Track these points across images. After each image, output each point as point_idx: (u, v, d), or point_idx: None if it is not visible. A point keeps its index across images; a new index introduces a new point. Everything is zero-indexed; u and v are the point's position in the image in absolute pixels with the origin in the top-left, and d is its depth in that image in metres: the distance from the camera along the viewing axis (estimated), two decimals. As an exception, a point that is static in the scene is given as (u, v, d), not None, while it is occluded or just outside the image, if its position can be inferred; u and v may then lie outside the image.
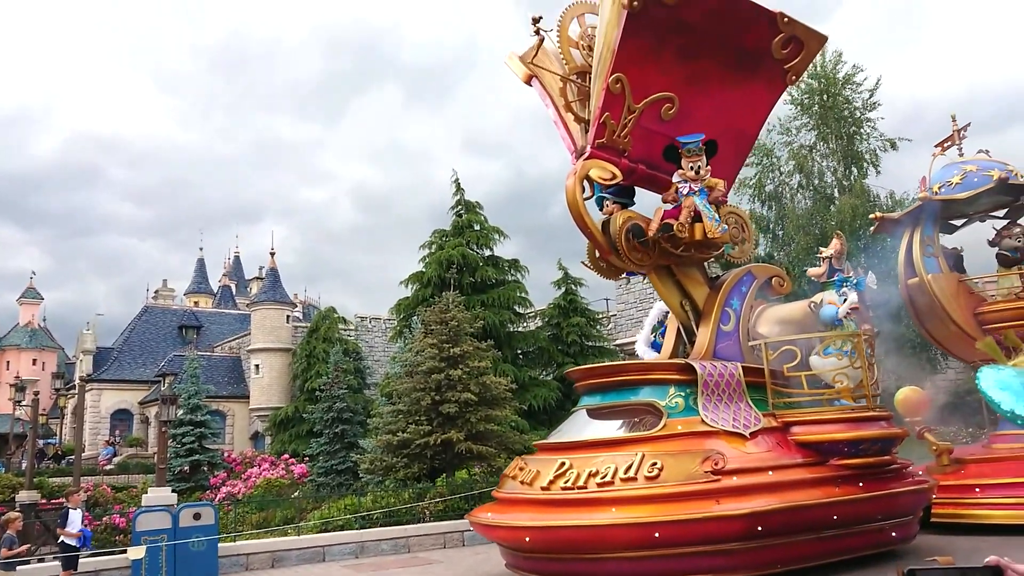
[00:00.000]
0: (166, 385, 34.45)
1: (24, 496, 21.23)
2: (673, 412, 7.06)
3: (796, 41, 8.08)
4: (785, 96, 27.68)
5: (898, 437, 7.26)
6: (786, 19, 7.92)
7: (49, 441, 42.64)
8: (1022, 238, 8.51)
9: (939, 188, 8.75)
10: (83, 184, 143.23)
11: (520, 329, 29.04)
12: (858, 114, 24.88)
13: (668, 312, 8.17)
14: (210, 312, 59.22)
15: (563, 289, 28.63)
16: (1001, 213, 9.24)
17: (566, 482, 6.77)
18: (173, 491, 20.32)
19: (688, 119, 7.79)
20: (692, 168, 7.44)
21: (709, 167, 7.60)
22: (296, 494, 22.29)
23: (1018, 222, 8.76)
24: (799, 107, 25.38)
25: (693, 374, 7.14)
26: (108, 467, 35.54)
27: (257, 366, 43.56)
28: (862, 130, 24.89)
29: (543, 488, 6.87)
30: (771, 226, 27.09)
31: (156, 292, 62.14)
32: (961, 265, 8.89)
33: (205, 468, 29.04)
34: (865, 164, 25.00)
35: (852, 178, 25.29)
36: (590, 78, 8.05)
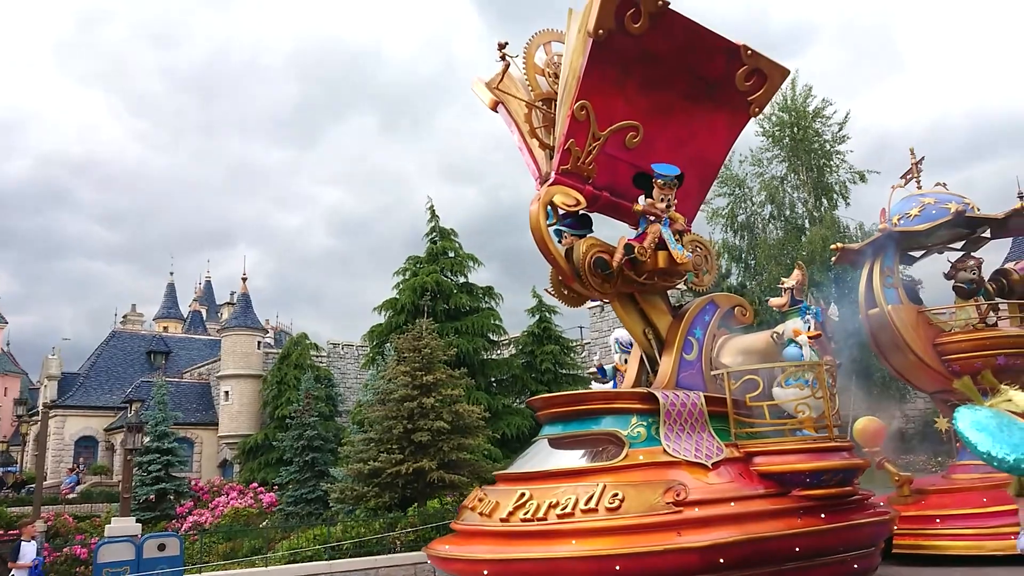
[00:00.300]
0: (133, 412, 33.71)
1: None
2: (635, 442, 6.94)
3: (759, 74, 8.15)
4: (757, 128, 28.17)
5: (859, 468, 7.20)
6: (749, 52, 7.99)
7: (9, 469, 41.63)
8: (976, 270, 8.59)
9: (898, 220, 8.83)
10: (51, 206, 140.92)
11: (494, 357, 28.84)
12: (828, 147, 25.34)
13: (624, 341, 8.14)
14: (180, 337, 57.90)
15: (537, 316, 28.55)
16: (959, 245, 9.35)
17: (526, 513, 6.59)
18: (137, 521, 19.78)
19: (653, 148, 7.80)
20: (663, 200, 7.42)
21: (676, 201, 7.60)
22: (264, 524, 21.73)
23: (972, 254, 8.85)
24: (770, 139, 25.80)
25: (655, 403, 7.04)
26: (71, 496, 34.36)
27: (227, 392, 42.68)
28: (831, 162, 25.33)
29: (502, 520, 6.68)
30: (743, 255, 27.36)
31: (124, 317, 60.94)
32: (918, 296, 8.94)
33: (171, 497, 28.23)
34: (835, 195, 25.39)
35: (822, 209, 25.68)
36: (555, 105, 8.05)
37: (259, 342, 44.58)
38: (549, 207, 7.50)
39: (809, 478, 6.97)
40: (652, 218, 7.43)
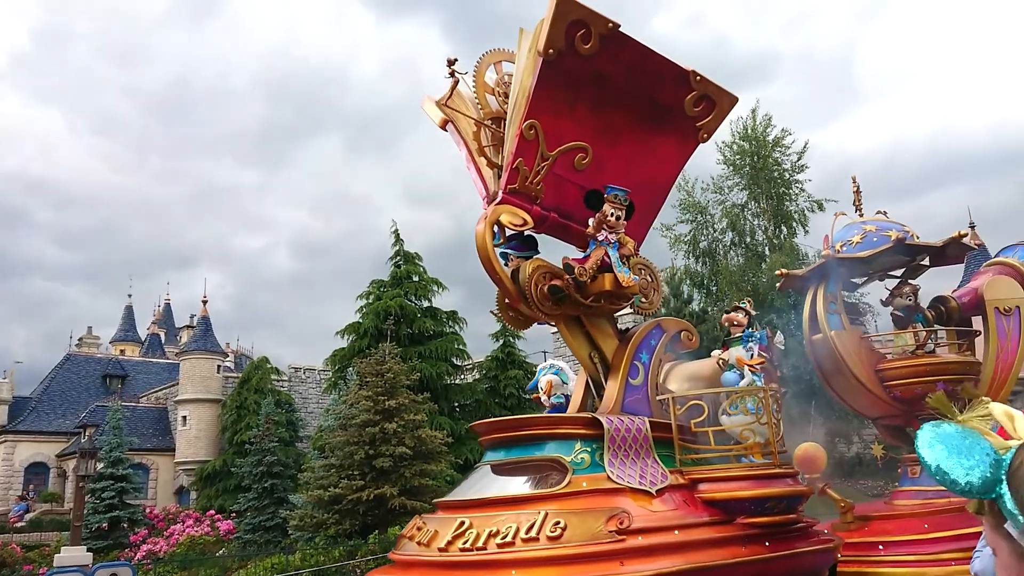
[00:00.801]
0: (86, 437, 32.77)
1: None
2: (579, 468, 6.69)
3: (708, 100, 8.11)
4: (718, 156, 28.52)
5: (804, 495, 7.07)
6: (698, 78, 7.95)
7: None
8: (912, 296, 8.63)
9: (841, 247, 8.84)
10: (6, 225, 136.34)
11: (457, 382, 28.41)
12: (787, 175, 25.75)
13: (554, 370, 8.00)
14: (137, 361, 56.45)
15: (501, 341, 28.30)
16: (899, 273, 9.42)
17: (465, 543, 6.27)
18: (89, 550, 18.92)
19: (602, 170, 7.68)
20: (613, 215, 7.28)
21: (625, 222, 7.47)
22: (221, 552, 20.94)
23: (909, 281, 8.91)
24: (732, 167, 26.15)
25: (600, 429, 6.83)
26: (19, 524, 33.41)
27: (184, 417, 41.66)
28: (791, 191, 25.73)
29: (440, 549, 6.36)
30: (705, 281, 27.56)
31: (80, 339, 59.17)
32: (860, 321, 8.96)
33: (125, 525, 27.26)
34: (794, 223, 25.76)
35: (782, 236, 26.04)
36: (505, 124, 7.90)
37: (219, 366, 43.57)
38: (496, 227, 7.31)
39: (753, 505, 6.80)
40: (600, 239, 7.28)
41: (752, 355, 7.28)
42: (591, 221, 7.48)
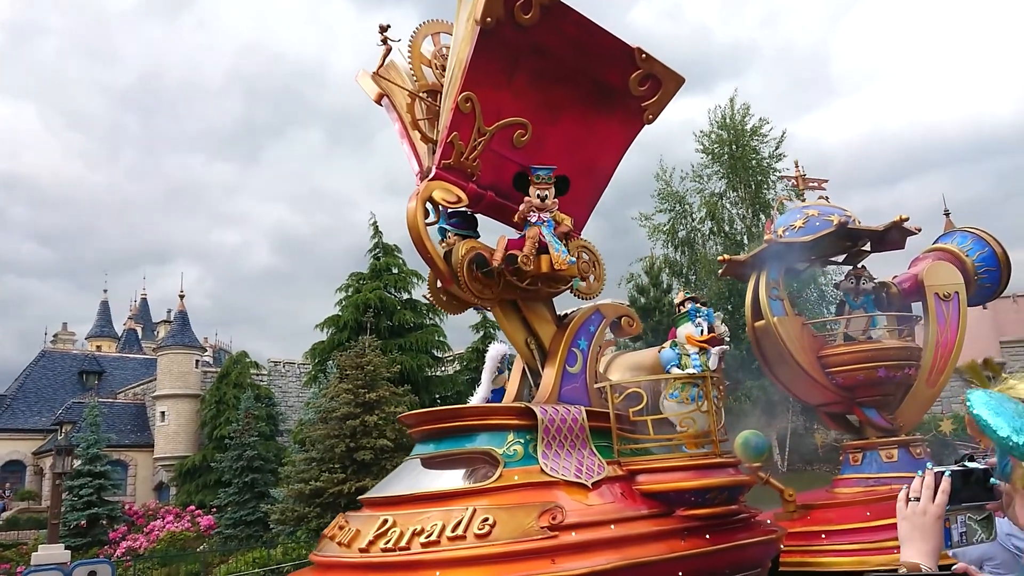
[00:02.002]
0: (63, 434, 31.48)
1: None
2: (510, 461, 6.10)
3: (654, 79, 7.57)
4: (696, 144, 27.97)
5: (746, 484, 6.62)
6: (643, 55, 7.40)
7: None
8: (854, 279, 8.31)
9: (783, 231, 8.45)
10: None
11: (438, 374, 27.59)
12: (765, 164, 25.32)
13: (503, 358, 7.41)
14: (114, 357, 54.27)
15: (482, 333, 27.55)
16: (841, 259, 9.10)
17: (387, 542, 5.63)
18: (67, 548, 17.95)
19: (542, 149, 7.09)
20: (538, 196, 6.74)
21: (556, 200, 6.93)
22: (202, 548, 20.03)
23: (856, 266, 8.59)
24: (710, 156, 25.68)
25: (534, 419, 6.28)
26: None
27: (163, 413, 40.14)
28: (769, 179, 25.32)
29: (361, 550, 5.70)
30: (684, 271, 27.15)
31: (55, 336, 56.82)
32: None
33: (104, 522, 26.06)
34: (772, 211, 25.50)
35: (760, 225, 25.79)
36: (441, 98, 7.28)
37: (197, 360, 42.07)
38: (429, 204, 6.72)
39: (693, 497, 6.31)
40: (533, 220, 6.74)
41: (702, 331, 6.82)
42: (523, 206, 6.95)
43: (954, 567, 2.00)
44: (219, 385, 38.06)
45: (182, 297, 43.34)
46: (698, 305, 6.83)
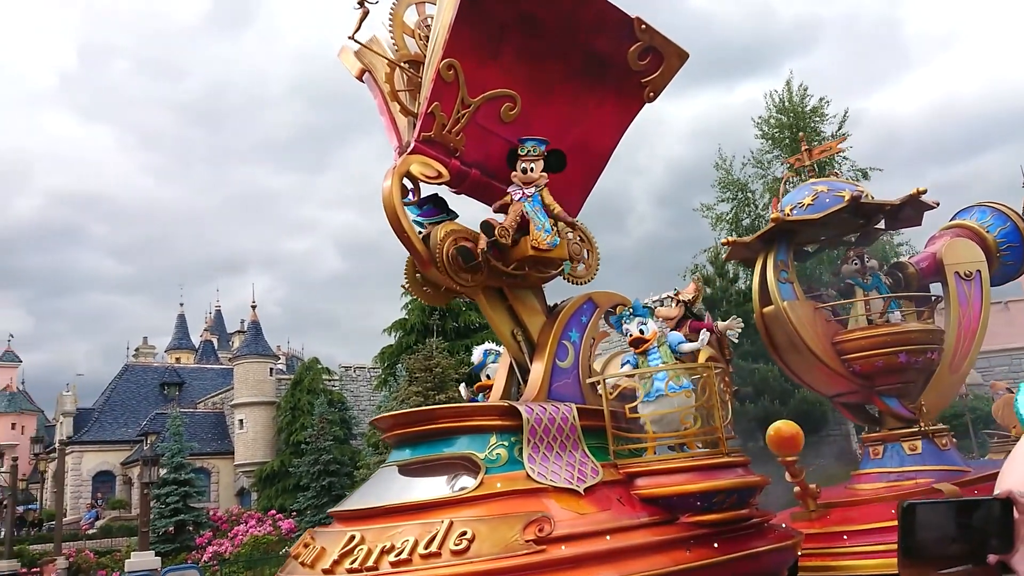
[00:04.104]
0: (148, 445, 31.68)
1: (3, 566, 19.33)
2: (493, 466, 5.23)
3: (655, 53, 6.67)
4: (756, 130, 26.67)
5: (758, 486, 5.70)
6: (643, 26, 6.48)
7: (29, 507, 39.03)
8: (857, 261, 7.33)
9: (791, 209, 7.52)
10: (63, 242, 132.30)
11: None
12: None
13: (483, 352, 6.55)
14: (192, 368, 53.83)
15: None
16: (854, 239, 8.14)
17: (353, 562, 4.79)
18: (157, 554, 17.79)
19: (532, 127, 6.21)
20: (524, 169, 5.88)
21: (545, 175, 6.05)
22: (285, 551, 19.44)
23: (861, 246, 7.62)
24: (770, 141, 24.44)
25: (519, 419, 5.40)
26: (91, 531, 32.28)
27: (241, 421, 40.04)
28: (833, 160, 24.06)
29: (325, 571, 4.85)
30: None
31: (137, 350, 57.32)
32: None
33: (190, 528, 25.94)
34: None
35: None
36: (423, 69, 6.44)
37: (271, 369, 42.16)
38: (408, 182, 5.88)
39: (699, 501, 5.42)
40: (517, 196, 5.88)
41: (642, 331, 5.89)
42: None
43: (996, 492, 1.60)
44: (293, 392, 37.99)
45: (254, 307, 43.75)
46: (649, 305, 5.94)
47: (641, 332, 5.63)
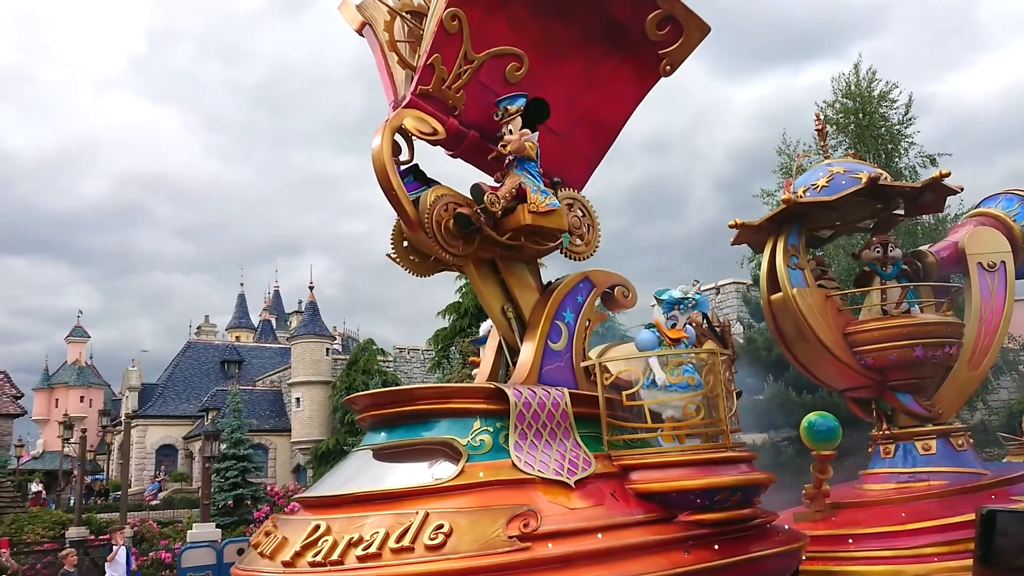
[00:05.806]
0: (209, 420, 31.76)
1: (74, 532, 19.60)
2: (476, 453, 4.65)
3: (675, 23, 6.06)
4: (821, 116, 25.56)
5: (762, 484, 5.13)
6: None
7: (97, 477, 39.85)
8: (880, 248, 6.71)
9: (804, 191, 6.91)
10: (129, 222, 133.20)
11: None
12: (895, 131, 23.08)
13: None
14: (251, 346, 54.26)
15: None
16: (870, 225, 7.53)
17: (316, 554, 4.22)
18: (217, 526, 17.93)
19: (539, 90, 5.64)
20: (504, 132, 5.28)
21: (528, 131, 5.43)
22: None
23: (882, 232, 7.01)
24: (835, 127, 23.57)
25: (506, 402, 4.82)
26: (154, 502, 32.85)
27: (298, 399, 40.23)
28: (900, 147, 23.08)
29: (285, 563, 4.29)
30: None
31: (199, 328, 57.79)
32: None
33: (248, 502, 26.03)
34: (904, 180, 23.24)
35: None
36: (426, 21, 5.82)
37: (327, 349, 42.78)
38: (401, 139, 5.29)
39: (700, 498, 4.86)
40: (515, 169, 5.29)
41: (675, 324, 5.30)
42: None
43: None
44: (348, 372, 37.85)
45: (312, 288, 43.38)
46: (688, 297, 5.32)
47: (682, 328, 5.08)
